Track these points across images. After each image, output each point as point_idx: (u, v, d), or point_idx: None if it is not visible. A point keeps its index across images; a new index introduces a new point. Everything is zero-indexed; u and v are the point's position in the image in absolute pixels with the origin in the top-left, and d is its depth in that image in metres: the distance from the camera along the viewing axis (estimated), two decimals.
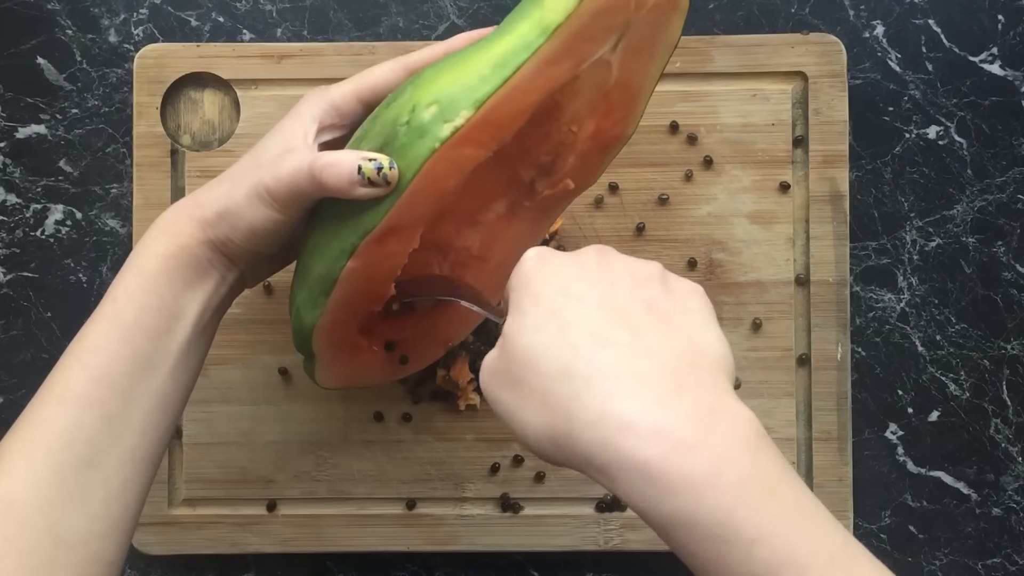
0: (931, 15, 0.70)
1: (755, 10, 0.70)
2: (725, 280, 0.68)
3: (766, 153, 0.68)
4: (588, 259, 0.45)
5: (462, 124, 0.48)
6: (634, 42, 0.51)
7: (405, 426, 0.68)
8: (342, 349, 0.56)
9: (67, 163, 0.70)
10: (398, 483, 0.67)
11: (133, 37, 0.71)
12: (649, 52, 0.53)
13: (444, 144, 0.48)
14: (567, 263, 0.44)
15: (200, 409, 0.67)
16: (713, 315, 0.44)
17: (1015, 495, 0.68)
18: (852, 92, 0.68)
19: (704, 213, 0.68)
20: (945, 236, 0.69)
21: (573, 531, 0.67)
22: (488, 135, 0.49)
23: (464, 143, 0.48)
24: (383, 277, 0.53)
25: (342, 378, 0.59)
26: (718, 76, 0.68)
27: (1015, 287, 0.69)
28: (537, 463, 0.67)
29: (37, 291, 0.70)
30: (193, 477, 0.67)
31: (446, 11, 0.70)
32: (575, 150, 0.56)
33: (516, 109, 0.49)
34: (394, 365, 0.60)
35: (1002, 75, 0.70)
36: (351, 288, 0.52)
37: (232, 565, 0.69)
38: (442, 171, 0.49)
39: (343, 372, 0.58)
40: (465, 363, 0.66)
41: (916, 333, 0.69)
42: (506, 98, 0.49)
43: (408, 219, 0.50)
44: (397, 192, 0.49)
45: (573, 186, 0.57)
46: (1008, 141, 0.69)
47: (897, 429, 0.69)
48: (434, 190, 0.49)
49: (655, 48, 0.52)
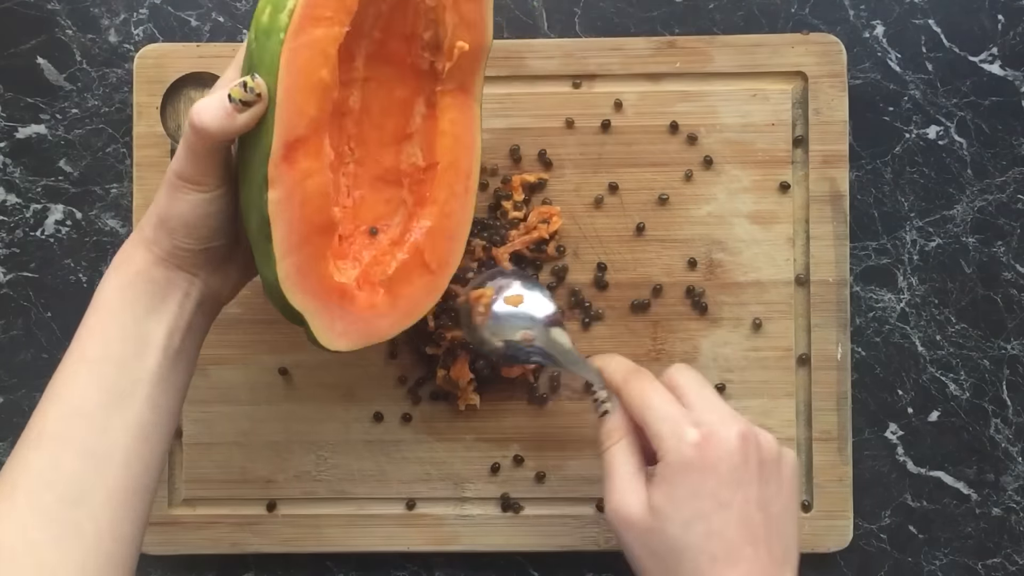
0: (931, 15, 0.70)
1: (755, 10, 0.70)
2: (725, 280, 0.68)
3: (766, 153, 0.68)
4: (736, 454, 0.51)
5: (295, 5, 0.48)
6: None
7: (405, 426, 0.68)
8: (326, 297, 0.53)
9: (67, 163, 0.70)
10: (398, 483, 0.67)
11: (133, 37, 0.71)
12: None
13: (288, 32, 0.48)
14: (720, 461, 0.51)
15: (200, 409, 0.67)
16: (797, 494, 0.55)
17: (1015, 495, 0.68)
18: (852, 92, 0.68)
19: (704, 213, 0.68)
20: (945, 236, 0.69)
21: (573, 531, 0.67)
22: (330, 8, 0.49)
23: (309, 24, 0.49)
24: (318, 203, 0.51)
25: (348, 334, 0.55)
26: (718, 76, 0.68)
27: (1015, 287, 0.69)
28: (538, 463, 0.67)
29: (37, 291, 0.70)
30: (193, 477, 0.67)
31: None
32: (446, 6, 0.55)
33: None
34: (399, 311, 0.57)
35: (1002, 75, 0.70)
36: (288, 222, 0.50)
37: (232, 565, 0.69)
38: (305, 61, 0.49)
39: (345, 326, 0.54)
40: (465, 363, 0.66)
41: (916, 333, 0.69)
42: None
43: (301, 126, 0.49)
44: (273, 101, 0.48)
45: (467, 46, 0.56)
46: (1008, 141, 0.69)
47: (897, 429, 0.69)
48: (309, 84, 0.49)
49: None
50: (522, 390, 0.67)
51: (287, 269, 0.51)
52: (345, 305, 0.54)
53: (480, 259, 0.67)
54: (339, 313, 0.54)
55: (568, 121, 0.68)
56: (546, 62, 0.68)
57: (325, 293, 0.53)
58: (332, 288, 0.54)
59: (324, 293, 0.53)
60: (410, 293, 0.57)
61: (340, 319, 0.54)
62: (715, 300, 0.67)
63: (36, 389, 0.69)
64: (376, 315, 0.56)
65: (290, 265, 0.51)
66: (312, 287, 0.52)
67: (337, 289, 0.54)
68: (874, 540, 0.69)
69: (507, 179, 0.68)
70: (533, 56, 0.68)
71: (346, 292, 0.55)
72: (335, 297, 0.54)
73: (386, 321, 0.56)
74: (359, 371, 0.68)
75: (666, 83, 0.68)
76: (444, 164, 0.57)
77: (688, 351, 0.67)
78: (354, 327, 0.55)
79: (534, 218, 0.67)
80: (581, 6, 0.70)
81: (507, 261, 0.66)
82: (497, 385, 0.67)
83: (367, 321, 0.55)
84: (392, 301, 0.57)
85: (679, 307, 0.68)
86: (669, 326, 0.68)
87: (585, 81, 0.68)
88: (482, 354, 0.64)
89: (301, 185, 0.50)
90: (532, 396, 0.67)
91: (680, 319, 0.68)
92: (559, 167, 0.68)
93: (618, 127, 0.68)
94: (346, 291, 0.55)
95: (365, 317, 0.55)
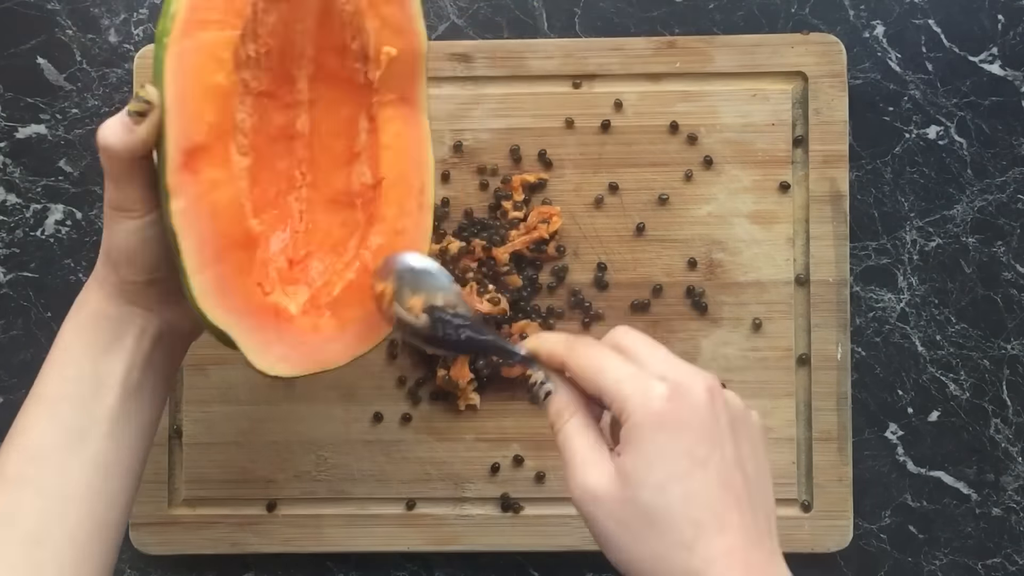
0: (931, 15, 0.70)
1: (755, 10, 0.70)
2: (725, 280, 0.68)
3: (766, 153, 0.68)
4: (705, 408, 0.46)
5: (178, 8, 0.47)
6: None
7: (405, 426, 0.68)
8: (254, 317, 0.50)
9: (67, 163, 0.70)
10: (398, 483, 0.67)
11: (133, 37, 0.71)
12: None
13: (171, 37, 0.47)
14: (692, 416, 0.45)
15: (200, 409, 0.67)
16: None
17: (1015, 495, 0.68)
18: (852, 92, 0.68)
19: (704, 213, 0.68)
20: (945, 236, 0.69)
21: (573, 531, 0.67)
22: (217, 11, 0.48)
23: (194, 28, 0.47)
24: (231, 215, 0.49)
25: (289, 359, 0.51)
26: (718, 76, 0.68)
27: (1015, 287, 0.69)
28: (537, 463, 0.67)
29: (37, 291, 0.70)
30: (193, 477, 0.67)
31: (446, 11, 0.70)
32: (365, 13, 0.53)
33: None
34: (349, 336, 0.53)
35: (1002, 75, 0.70)
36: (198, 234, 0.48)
37: (232, 565, 0.69)
38: (195, 65, 0.47)
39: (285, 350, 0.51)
40: (465, 363, 0.66)
41: (916, 333, 0.69)
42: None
43: (200, 133, 0.48)
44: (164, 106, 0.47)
45: (395, 51, 0.53)
46: (1008, 141, 0.69)
47: (897, 429, 0.69)
48: (202, 90, 0.48)
49: None
50: (522, 390, 0.67)
51: (202, 285, 0.48)
52: (282, 327, 0.51)
53: (480, 259, 0.67)
54: (275, 335, 0.51)
55: (568, 121, 0.68)
56: (546, 62, 0.68)
57: (253, 312, 0.50)
58: (261, 307, 0.51)
59: (251, 312, 0.50)
60: (361, 317, 0.53)
61: (278, 342, 0.51)
62: (715, 300, 0.67)
63: None
64: (324, 340, 0.52)
65: (205, 281, 0.49)
66: (235, 305, 0.50)
67: (269, 309, 0.51)
68: (874, 540, 0.69)
69: (507, 179, 0.68)
70: (533, 56, 0.68)
71: (280, 313, 0.52)
72: (267, 317, 0.51)
73: (336, 346, 0.53)
74: (359, 371, 0.68)
75: (666, 83, 0.68)
76: (390, 180, 0.54)
77: (688, 351, 0.67)
78: (296, 352, 0.51)
79: (534, 218, 0.67)
80: (581, 6, 0.70)
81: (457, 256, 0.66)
82: (497, 385, 0.67)
83: (312, 346, 0.52)
84: (340, 324, 0.53)
85: (679, 307, 0.68)
86: (669, 326, 0.68)
87: (585, 81, 0.68)
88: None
89: (208, 196, 0.48)
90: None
91: (680, 319, 0.68)
92: (559, 167, 0.68)
93: (618, 127, 0.68)
94: (280, 312, 0.52)
95: (309, 341, 0.52)
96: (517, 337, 0.66)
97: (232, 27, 0.49)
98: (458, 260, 0.66)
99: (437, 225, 0.68)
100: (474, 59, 0.68)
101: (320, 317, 0.53)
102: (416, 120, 0.55)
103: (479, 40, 0.70)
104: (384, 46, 0.53)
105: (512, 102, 0.68)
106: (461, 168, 0.68)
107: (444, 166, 0.68)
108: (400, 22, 0.53)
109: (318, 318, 0.53)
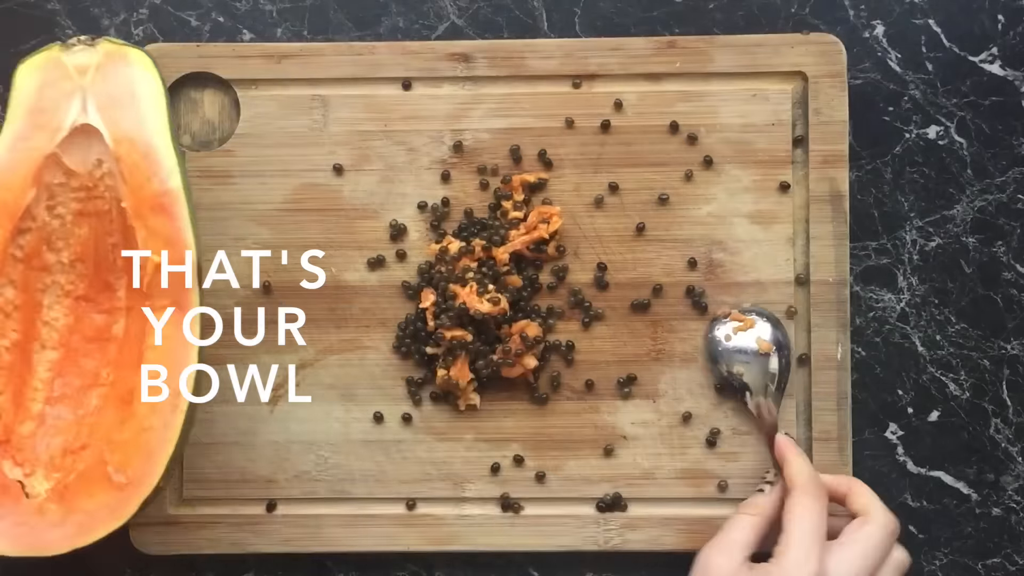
0: (931, 15, 0.70)
1: (755, 10, 0.70)
2: (725, 280, 0.68)
3: (766, 153, 0.68)
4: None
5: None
6: None
7: (405, 426, 0.68)
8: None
9: None
10: (398, 483, 0.67)
11: (133, 37, 0.71)
12: None
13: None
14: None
15: (200, 409, 0.67)
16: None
17: (1015, 495, 0.68)
18: (852, 92, 0.68)
19: (704, 213, 0.68)
20: (945, 236, 0.69)
21: (573, 531, 0.67)
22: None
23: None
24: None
25: (8, 536, 0.55)
26: (718, 76, 0.68)
27: (1015, 287, 0.69)
28: (538, 463, 0.67)
29: None
30: (193, 477, 0.67)
31: (446, 11, 0.71)
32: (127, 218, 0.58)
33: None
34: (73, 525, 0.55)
35: (1002, 75, 0.70)
36: None
37: (232, 565, 0.69)
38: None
39: (7, 527, 0.55)
40: (465, 363, 0.66)
41: (916, 333, 0.69)
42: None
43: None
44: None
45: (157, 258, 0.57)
46: (1008, 141, 0.69)
47: (897, 429, 0.69)
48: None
49: None
50: (522, 390, 0.67)
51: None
52: (8, 503, 0.54)
53: (480, 259, 0.67)
54: (1, 511, 0.55)
55: (568, 121, 0.68)
56: (546, 62, 0.68)
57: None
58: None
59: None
60: (90, 508, 0.55)
61: (3, 517, 0.54)
62: (715, 300, 0.67)
63: None
64: (46, 523, 0.55)
65: None
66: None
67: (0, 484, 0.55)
68: None
69: (507, 179, 0.68)
70: (533, 56, 0.68)
71: (9, 488, 0.55)
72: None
73: (57, 533, 0.55)
74: (359, 371, 0.68)
75: (666, 83, 0.68)
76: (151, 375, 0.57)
77: (688, 351, 0.67)
78: (17, 530, 0.54)
79: (534, 218, 0.67)
80: (581, 6, 0.70)
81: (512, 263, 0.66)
82: (497, 385, 0.67)
83: (32, 528, 0.55)
84: (65, 512, 0.55)
85: (679, 307, 0.68)
86: (669, 326, 0.68)
87: (585, 81, 0.68)
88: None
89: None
90: (532, 396, 0.67)
91: (680, 319, 0.68)
92: (559, 167, 0.68)
93: (618, 127, 0.68)
94: (9, 486, 0.55)
95: (31, 523, 0.55)
96: (517, 337, 0.66)
97: (3, 228, 0.57)
98: (458, 260, 0.66)
99: (437, 225, 0.68)
100: (474, 59, 0.68)
101: (49, 501, 0.56)
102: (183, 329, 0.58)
103: (479, 40, 0.70)
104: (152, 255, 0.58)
105: (512, 102, 0.68)
106: (461, 168, 0.68)
107: (444, 166, 0.68)
108: (169, 234, 0.58)
109: (47, 501, 0.56)
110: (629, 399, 0.67)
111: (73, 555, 0.69)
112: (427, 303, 0.66)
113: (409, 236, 0.68)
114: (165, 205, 0.57)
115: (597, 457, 0.67)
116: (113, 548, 0.68)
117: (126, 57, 0.59)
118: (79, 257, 0.60)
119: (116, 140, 0.58)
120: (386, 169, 0.68)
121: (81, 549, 0.56)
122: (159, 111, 0.58)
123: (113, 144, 0.58)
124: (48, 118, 0.58)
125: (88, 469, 0.56)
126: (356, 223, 0.68)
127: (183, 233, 0.58)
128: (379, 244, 0.68)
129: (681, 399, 0.67)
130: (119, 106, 0.58)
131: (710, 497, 0.67)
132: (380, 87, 0.68)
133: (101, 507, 0.55)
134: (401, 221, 0.68)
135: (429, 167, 0.68)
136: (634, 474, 0.67)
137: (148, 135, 0.58)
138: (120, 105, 0.58)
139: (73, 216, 0.59)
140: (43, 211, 0.59)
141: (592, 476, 0.67)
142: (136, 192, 0.58)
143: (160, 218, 0.57)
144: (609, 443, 0.67)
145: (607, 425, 0.67)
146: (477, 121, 0.68)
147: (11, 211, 0.57)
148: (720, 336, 0.66)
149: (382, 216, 0.68)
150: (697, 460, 0.67)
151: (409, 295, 0.68)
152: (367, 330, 0.68)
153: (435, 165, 0.68)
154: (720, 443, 0.67)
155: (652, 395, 0.67)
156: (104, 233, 0.60)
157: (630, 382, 0.67)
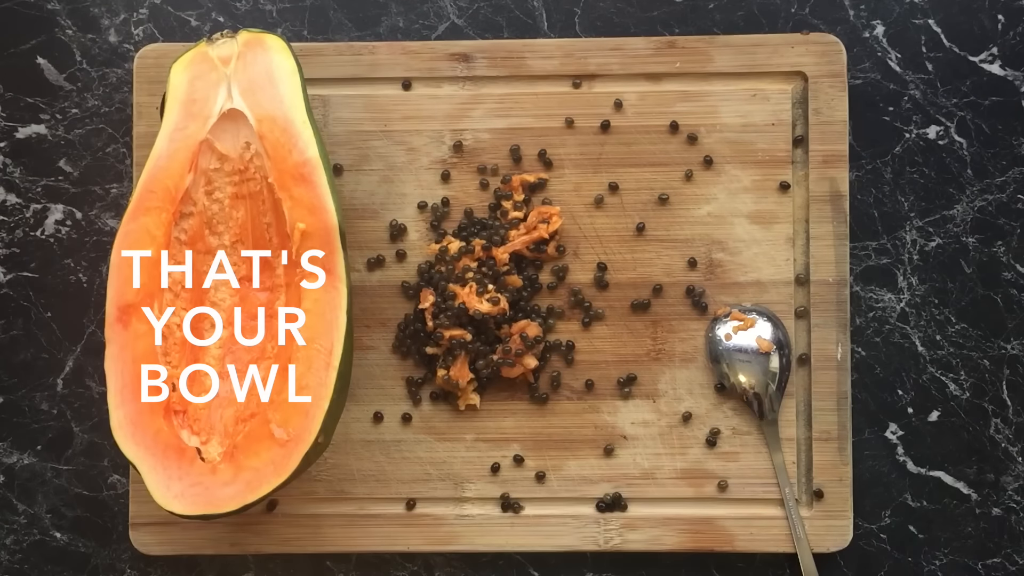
0: (931, 15, 0.70)
1: (755, 10, 0.70)
2: (725, 280, 0.68)
3: (766, 153, 0.68)
4: None
5: (133, 197, 0.61)
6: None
7: (405, 426, 0.68)
8: (161, 452, 0.59)
9: (67, 163, 0.70)
10: (398, 483, 0.67)
11: (133, 37, 0.71)
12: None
13: (124, 219, 0.61)
14: None
15: None
16: None
17: (1015, 495, 0.68)
18: (852, 92, 0.68)
19: (704, 213, 0.68)
20: (945, 236, 0.69)
21: (573, 531, 0.67)
22: (157, 197, 0.61)
23: (140, 213, 0.61)
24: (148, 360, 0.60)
25: (184, 497, 0.58)
26: (718, 76, 0.68)
27: (1015, 287, 0.69)
28: (538, 463, 0.67)
29: (37, 291, 0.70)
30: None
31: (446, 11, 0.71)
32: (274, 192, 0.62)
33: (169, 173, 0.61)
34: (241, 483, 0.59)
35: (1002, 75, 0.70)
36: (120, 375, 0.59)
37: (232, 565, 0.69)
38: (132, 243, 0.60)
39: (183, 488, 0.58)
40: (465, 363, 0.66)
41: (916, 333, 0.69)
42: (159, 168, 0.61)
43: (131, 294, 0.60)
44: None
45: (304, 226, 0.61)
46: (1008, 141, 0.69)
47: (897, 429, 0.69)
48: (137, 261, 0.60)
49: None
50: (522, 390, 0.67)
51: (119, 420, 0.59)
52: (184, 466, 0.58)
53: (480, 259, 0.67)
54: (177, 473, 0.59)
55: (568, 121, 0.68)
56: (546, 62, 0.68)
57: (160, 448, 0.59)
58: (168, 444, 0.59)
59: (159, 448, 0.59)
60: (256, 465, 0.59)
61: (178, 480, 0.59)
62: (715, 300, 0.67)
63: (36, 389, 0.69)
64: (218, 483, 0.59)
65: (123, 416, 0.59)
66: (145, 440, 0.59)
67: (174, 446, 0.59)
68: (874, 540, 0.69)
69: (507, 179, 0.68)
70: (533, 56, 0.68)
71: (185, 452, 0.59)
72: (172, 454, 0.59)
73: (228, 491, 0.59)
74: (359, 371, 0.68)
75: (666, 83, 0.68)
76: (304, 338, 0.60)
77: (688, 351, 0.67)
78: (191, 491, 0.58)
79: (534, 218, 0.67)
80: (581, 6, 0.70)
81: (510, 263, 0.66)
82: (497, 385, 0.67)
83: (206, 488, 0.59)
84: (235, 471, 0.59)
85: (679, 307, 0.68)
86: (669, 326, 0.68)
87: (585, 81, 0.68)
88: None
89: (132, 344, 0.60)
90: (532, 396, 0.67)
91: (680, 319, 0.68)
92: (559, 167, 0.68)
93: (618, 127, 0.68)
94: (185, 451, 0.59)
95: (205, 483, 0.59)
96: (517, 337, 0.66)
97: (167, 211, 0.61)
98: (458, 260, 0.66)
99: (437, 225, 0.68)
100: (474, 59, 0.68)
101: (220, 461, 0.60)
102: (335, 288, 0.61)
103: (479, 40, 0.70)
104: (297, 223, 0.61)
105: (512, 102, 0.68)
106: (461, 168, 0.68)
107: (444, 166, 0.68)
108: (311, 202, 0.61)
109: (217, 462, 0.60)
110: (629, 399, 0.67)
111: (73, 555, 0.69)
112: (427, 303, 0.66)
113: (409, 236, 0.68)
114: (305, 175, 0.61)
115: (597, 457, 0.67)
116: (113, 548, 0.68)
117: (263, 43, 0.62)
118: (239, 239, 0.64)
119: (259, 119, 0.61)
120: (386, 169, 0.68)
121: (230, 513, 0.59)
122: (295, 89, 0.62)
123: (256, 124, 0.62)
124: (199, 107, 0.62)
125: (254, 429, 0.60)
126: (356, 223, 0.68)
127: (324, 200, 0.61)
128: (379, 244, 0.68)
129: (681, 399, 0.67)
130: (259, 88, 0.62)
131: (710, 497, 0.67)
132: (380, 87, 0.68)
133: (266, 463, 0.59)
134: (401, 221, 0.68)
135: (429, 167, 0.68)
136: (634, 474, 0.67)
137: (286, 111, 0.61)
138: (260, 88, 0.62)
139: (230, 200, 0.63)
140: (202, 196, 0.63)
141: (592, 476, 0.67)
142: (279, 165, 0.61)
143: (301, 187, 0.61)
144: (609, 443, 0.67)
145: (607, 425, 0.67)
146: (477, 121, 0.68)
147: (172, 196, 0.61)
148: (720, 335, 0.66)
149: (382, 216, 0.68)
150: (697, 460, 0.67)
151: (409, 295, 0.68)
152: (367, 330, 0.68)
153: (435, 165, 0.68)
154: (720, 443, 0.67)
155: (652, 395, 0.67)
156: (258, 213, 0.64)
157: (630, 382, 0.67)
